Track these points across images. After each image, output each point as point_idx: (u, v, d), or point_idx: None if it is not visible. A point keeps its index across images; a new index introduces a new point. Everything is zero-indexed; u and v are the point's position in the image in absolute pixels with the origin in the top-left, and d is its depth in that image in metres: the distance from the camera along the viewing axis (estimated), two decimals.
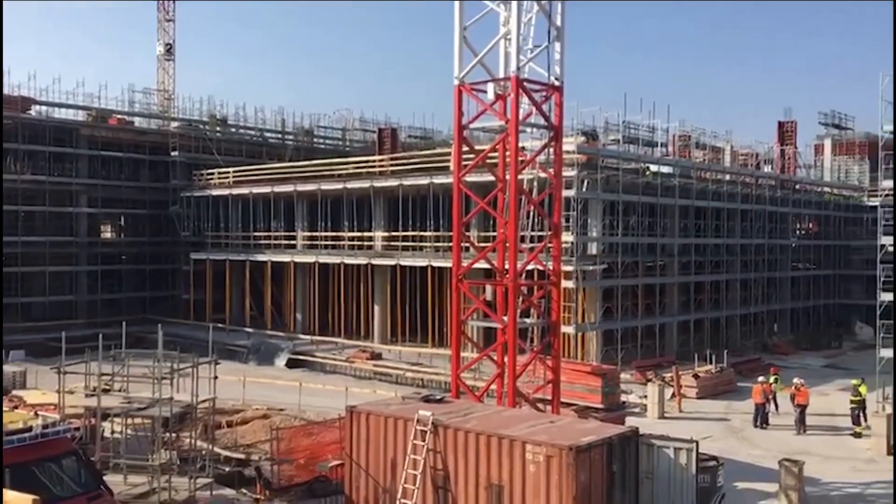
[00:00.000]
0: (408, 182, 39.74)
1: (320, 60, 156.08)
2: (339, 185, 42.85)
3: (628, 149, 39.21)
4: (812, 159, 59.98)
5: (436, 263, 37.60)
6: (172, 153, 51.94)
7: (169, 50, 62.05)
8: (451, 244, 23.00)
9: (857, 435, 24.67)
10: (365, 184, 41.89)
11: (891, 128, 25.98)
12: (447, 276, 33.00)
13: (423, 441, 15.34)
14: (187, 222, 51.72)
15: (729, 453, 21.37)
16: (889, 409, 23.83)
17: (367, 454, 16.45)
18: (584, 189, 33.00)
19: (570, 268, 31.13)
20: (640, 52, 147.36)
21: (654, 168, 38.63)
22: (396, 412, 16.38)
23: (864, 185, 55.18)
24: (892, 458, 21.97)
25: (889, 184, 29.68)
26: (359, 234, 42.86)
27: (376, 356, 38.07)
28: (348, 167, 45.09)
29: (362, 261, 41.56)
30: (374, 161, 45.03)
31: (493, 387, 20.72)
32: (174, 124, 55.09)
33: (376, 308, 41.79)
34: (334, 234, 43.98)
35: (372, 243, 42.52)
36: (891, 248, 27.21)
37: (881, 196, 35.29)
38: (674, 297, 39.18)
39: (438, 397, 18.03)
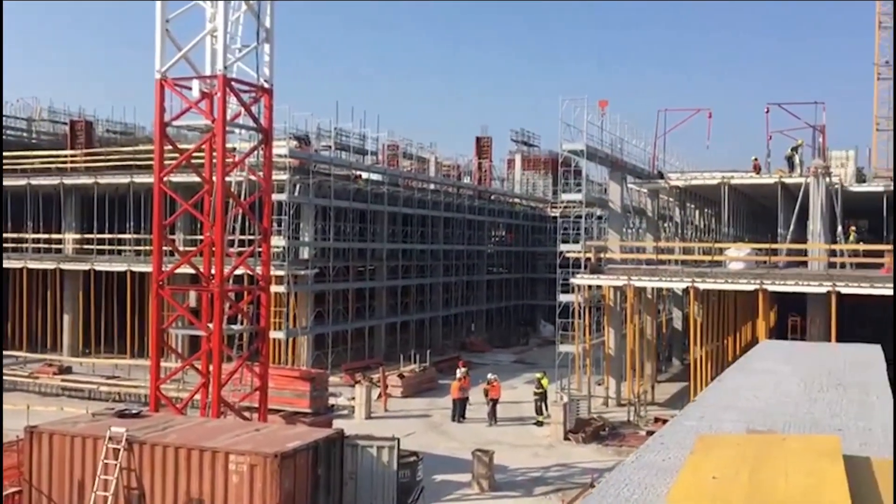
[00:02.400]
0: (104, 180, 36.88)
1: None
2: (23, 181, 38.50)
3: (340, 155, 39.94)
4: (505, 173, 65.30)
5: (136, 268, 35.27)
6: None
7: None
8: (152, 248, 21.68)
9: (540, 423, 27.27)
10: (54, 180, 38.14)
11: (569, 147, 29.09)
12: (149, 281, 31.04)
13: (116, 460, 14.29)
14: None
15: (429, 447, 22.61)
16: (566, 399, 26.79)
17: (50, 479, 14.93)
18: (296, 193, 32.97)
19: (281, 272, 30.93)
20: (355, 61, 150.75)
21: (365, 175, 39.73)
22: (85, 430, 15.08)
23: (548, 198, 61.08)
24: (567, 442, 24.73)
25: (567, 197, 33.28)
26: (46, 235, 38.78)
27: (65, 370, 34.65)
28: (34, 161, 40.85)
29: (50, 265, 37.73)
30: (65, 156, 41.18)
31: (198, 397, 19.91)
32: None
33: (66, 317, 38.19)
34: (16, 235, 39.36)
35: (61, 246, 38.77)
36: (569, 255, 30.63)
37: (560, 208, 39.49)
38: (383, 301, 40.57)
39: (135, 412, 16.90)
